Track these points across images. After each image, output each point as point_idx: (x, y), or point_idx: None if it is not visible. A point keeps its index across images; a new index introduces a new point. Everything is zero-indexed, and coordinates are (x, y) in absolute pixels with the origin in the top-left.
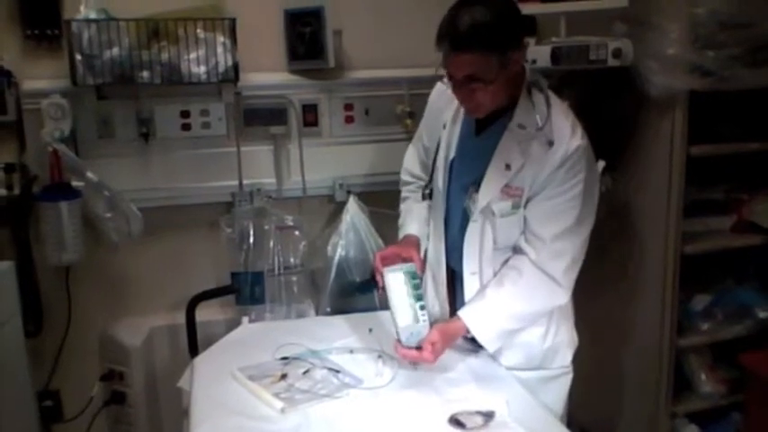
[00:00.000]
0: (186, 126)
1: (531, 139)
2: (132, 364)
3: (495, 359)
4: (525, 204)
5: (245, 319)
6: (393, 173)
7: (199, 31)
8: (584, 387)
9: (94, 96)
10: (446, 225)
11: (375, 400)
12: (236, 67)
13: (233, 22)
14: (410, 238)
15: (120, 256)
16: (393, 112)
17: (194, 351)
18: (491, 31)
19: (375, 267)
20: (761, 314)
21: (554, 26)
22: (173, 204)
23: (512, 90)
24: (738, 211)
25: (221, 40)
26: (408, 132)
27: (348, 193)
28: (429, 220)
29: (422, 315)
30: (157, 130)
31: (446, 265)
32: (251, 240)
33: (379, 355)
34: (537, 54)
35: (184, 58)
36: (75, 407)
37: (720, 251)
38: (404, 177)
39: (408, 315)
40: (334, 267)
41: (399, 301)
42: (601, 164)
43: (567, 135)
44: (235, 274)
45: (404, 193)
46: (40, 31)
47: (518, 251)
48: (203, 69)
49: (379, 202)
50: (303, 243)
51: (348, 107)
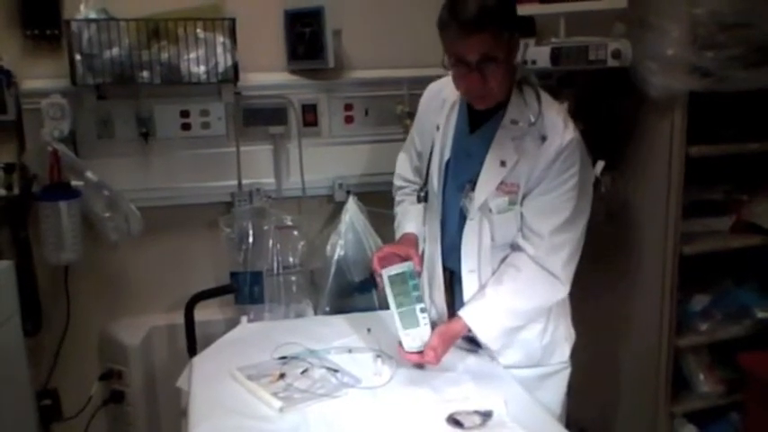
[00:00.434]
0: (186, 126)
1: (525, 134)
2: (131, 364)
3: (494, 358)
4: (522, 201)
5: (243, 319)
6: (392, 173)
7: (198, 30)
8: (583, 387)
9: (94, 96)
10: (442, 226)
11: (373, 400)
12: (235, 66)
13: (233, 22)
14: (408, 237)
15: (120, 255)
16: (393, 113)
17: (193, 350)
18: (498, 10)
19: (373, 269)
20: (759, 314)
21: (553, 27)
22: (172, 204)
23: (509, 84)
24: (738, 212)
25: (221, 39)
26: (408, 132)
27: (347, 193)
28: (425, 221)
29: (422, 318)
30: (157, 129)
31: (443, 266)
32: (250, 240)
33: (378, 355)
34: (536, 54)
35: (184, 57)
36: (74, 406)
37: (719, 252)
38: (397, 183)
39: (409, 319)
40: (333, 267)
41: (400, 305)
42: (600, 164)
43: (560, 129)
44: (234, 274)
45: (398, 197)
46: (39, 31)
47: (516, 248)
48: (203, 69)
49: (378, 203)
50: (302, 243)
51: (348, 107)
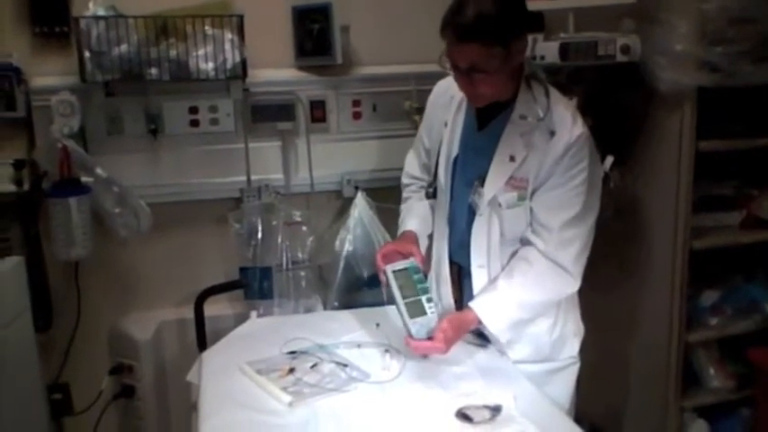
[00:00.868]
0: (194, 122)
1: (533, 129)
2: (141, 358)
3: (503, 353)
4: (531, 196)
5: (253, 314)
6: (400, 168)
7: (207, 27)
8: (592, 382)
9: (103, 93)
10: (451, 222)
11: (382, 395)
12: (244, 63)
13: (241, 18)
14: (408, 234)
15: (130, 251)
16: (401, 108)
17: (203, 345)
18: (496, 23)
19: (377, 266)
20: None
21: (562, 22)
22: (181, 200)
23: (515, 82)
24: (748, 207)
25: (229, 36)
26: (416, 128)
27: (356, 188)
28: (432, 218)
29: (429, 307)
30: (166, 126)
31: (452, 261)
32: (259, 236)
33: (387, 350)
34: (545, 50)
35: (192, 54)
36: (85, 400)
37: (729, 247)
38: (404, 180)
39: (416, 308)
40: (342, 262)
41: (406, 296)
42: (609, 159)
43: (569, 124)
44: (243, 269)
45: (405, 194)
46: (49, 29)
47: (526, 243)
48: (211, 66)
49: (386, 198)
50: (311, 238)
51: (356, 103)
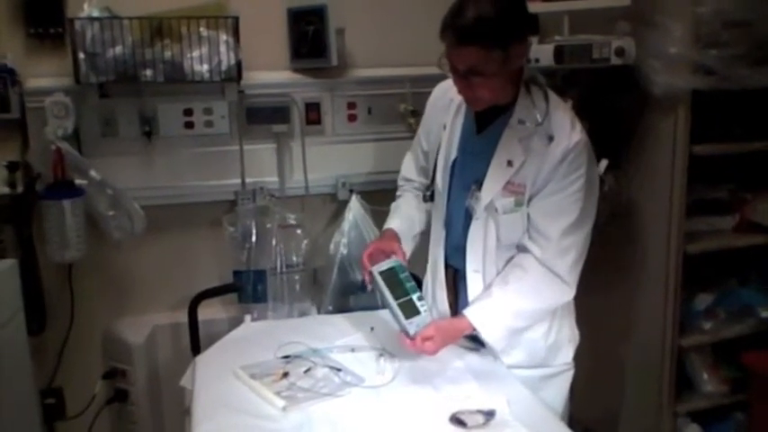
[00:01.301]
0: (189, 124)
1: (532, 134)
2: (135, 362)
3: (497, 358)
4: (528, 202)
5: (247, 318)
6: (396, 171)
7: (202, 29)
8: (586, 386)
9: (97, 94)
10: (447, 225)
11: (376, 399)
12: (239, 65)
13: (236, 20)
14: (388, 233)
15: (123, 254)
16: (396, 111)
17: (197, 349)
18: (495, 26)
19: (363, 266)
20: (763, 314)
21: (557, 25)
22: (175, 203)
23: (514, 86)
24: (741, 211)
25: (224, 38)
26: (411, 131)
27: (350, 191)
28: (419, 218)
29: (421, 305)
30: (160, 128)
31: (448, 264)
32: (253, 239)
33: (381, 354)
34: (540, 52)
35: (187, 56)
36: (78, 405)
37: (723, 251)
38: (399, 183)
39: (410, 308)
40: (337, 266)
41: (397, 297)
42: (603, 163)
43: (567, 130)
44: (237, 273)
45: (398, 192)
46: (43, 30)
47: (522, 249)
48: (206, 68)
49: (381, 201)
50: (305, 241)
51: (351, 105)
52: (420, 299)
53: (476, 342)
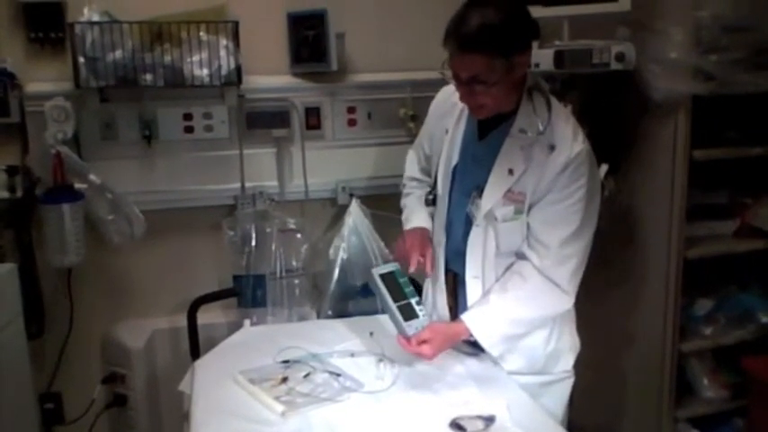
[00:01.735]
0: (189, 129)
1: (533, 143)
2: (134, 367)
3: (497, 363)
4: (528, 211)
5: (246, 322)
6: (395, 176)
7: (202, 33)
8: (586, 391)
9: (97, 99)
10: (447, 230)
11: (376, 404)
12: (238, 69)
13: (236, 24)
14: (422, 232)
15: (123, 258)
16: (396, 116)
17: (196, 354)
18: (498, 35)
19: (404, 256)
20: (763, 319)
21: (557, 30)
22: (175, 207)
23: (517, 94)
24: (742, 216)
25: (224, 42)
26: (411, 136)
27: (350, 196)
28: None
29: (420, 309)
30: (160, 132)
31: (447, 269)
32: (253, 243)
33: (380, 359)
34: (540, 57)
35: (187, 60)
36: (77, 409)
37: (723, 256)
38: (404, 182)
39: (408, 311)
40: (336, 270)
41: (396, 300)
42: (603, 168)
43: (569, 140)
44: (237, 277)
45: (406, 190)
46: (43, 34)
47: (521, 257)
48: (206, 72)
49: (381, 206)
50: (305, 246)
51: (351, 110)
52: (418, 303)
53: (475, 347)
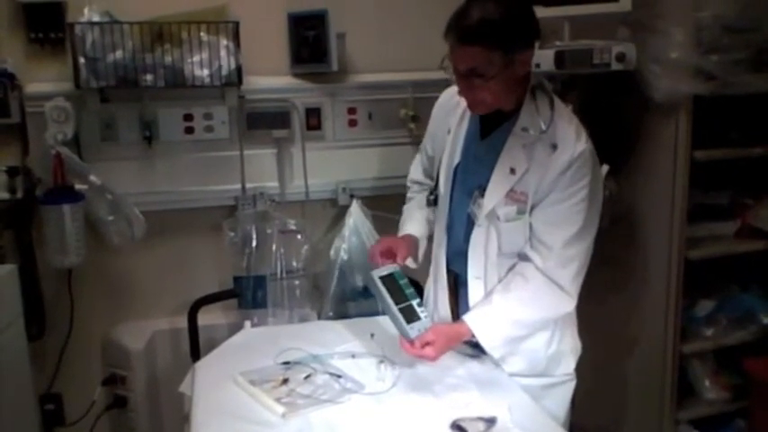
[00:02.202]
0: (189, 129)
1: (535, 142)
2: (134, 368)
3: (498, 365)
4: (531, 211)
5: (247, 323)
6: (396, 177)
7: (202, 34)
8: (587, 393)
9: (98, 99)
10: (449, 230)
11: (377, 406)
12: (239, 70)
13: (236, 25)
14: (407, 236)
15: (123, 259)
16: (397, 116)
17: (196, 355)
18: (497, 28)
19: (370, 259)
20: (765, 320)
21: (558, 30)
22: (175, 208)
23: (518, 92)
24: (743, 217)
25: (225, 43)
26: (412, 136)
27: (351, 196)
28: (433, 224)
29: (421, 311)
30: (160, 133)
31: (449, 269)
32: (254, 244)
33: (381, 361)
34: (541, 58)
35: (188, 61)
36: (77, 411)
37: (724, 256)
38: (408, 185)
39: (410, 313)
40: (337, 271)
41: (398, 302)
42: (604, 168)
43: (572, 139)
44: (237, 278)
45: (408, 195)
46: (43, 34)
47: (524, 258)
48: (206, 72)
49: (382, 206)
50: (306, 247)
51: (351, 111)
52: (419, 305)
53: (477, 349)
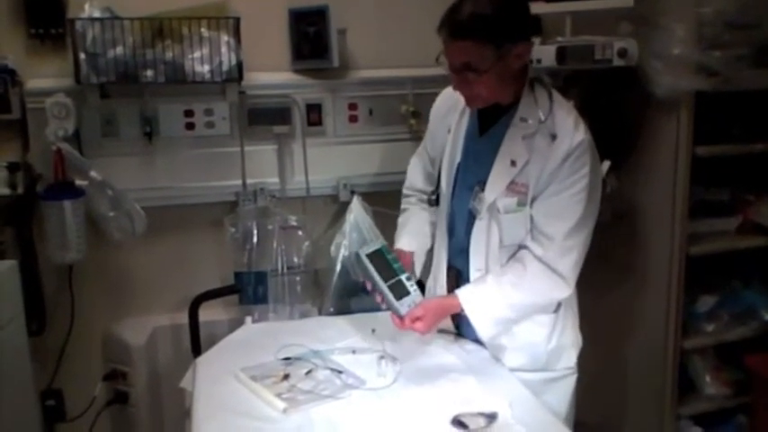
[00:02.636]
0: (190, 125)
1: (535, 133)
2: (135, 364)
3: (499, 360)
4: (531, 203)
5: (248, 319)
6: (397, 173)
7: (203, 30)
8: (588, 389)
9: (98, 95)
10: (450, 229)
11: (377, 401)
12: (240, 66)
13: (237, 21)
14: (400, 251)
15: (124, 255)
16: (397, 112)
17: (197, 351)
18: (488, 23)
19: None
20: (766, 316)
21: (559, 26)
22: (176, 204)
23: (514, 86)
24: (744, 213)
25: (225, 39)
26: (413, 132)
27: (352, 192)
28: (430, 230)
29: (410, 285)
30: (161, 129)
31: (451, 266)
32: (254, 240)
33: (382, 356)
34: (542, 53)
35: (188, 56)
36: (78, 406)
37: (726, 252)
38: (405, 192)
39: (400, 288)
40: (338, 267)
41: (386, 279)
42: (606, 164)
43: (571, 129)
44: (238, 274)
45: (403, 205)
46: (44, 30)
47: (524, 248)
48: (207, 68)
49: (382, 202)
50: (306, 243)
51: (352, 107)
52: (408, 279)
53: (478, 343)
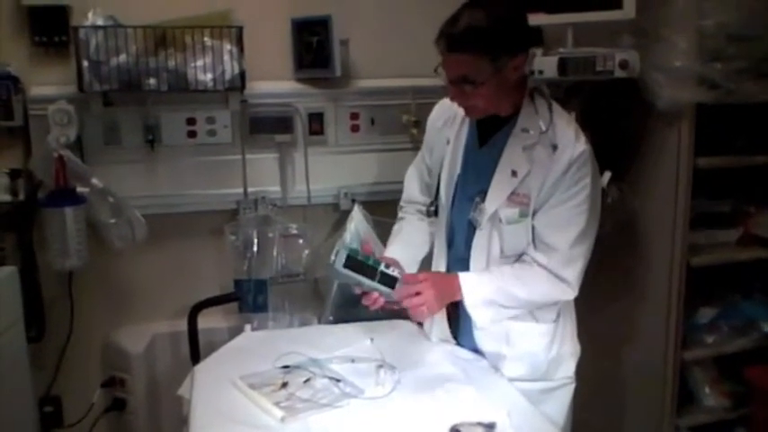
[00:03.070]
0: (192, 133)
1: (536, 143)
2: (134, 371)
3: (498, 370)
4: (533, 215)
5: (247, 327)
6: (398, 182)
7: (206, 38)
8: (587, 399)
9: (101, 103)
10: (449, 240)
11: (376, 411)
12: (242, 75)
13: (240, 30)
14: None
15: (124, 262)
16: (399, 122)
17: (196, 358)
18: (484, 36)
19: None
20: (766, 328)
21: (561, 37)
22: (177, 211)
23: (513, 98)
24: (745, 224)
25: (228, 47)
26: (414, 142)
27: (353, 201)
28: (421, 241)
29: (392, 271)
30: (163, 137)
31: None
32: (255, 248)
33: (381, 365)
34: (544, 65)
35: (191, 65)
36: (76, 413)
37: (726, 264)
38: (402, 204)
39: (386, 280)
40: None
41: (371, 277)
42: (607, 175)
43: (572, 140)
44: (238, 282)
45: (399, 214)
46: (47, 38)
47: (528, 256)
48: (210, 77)
49: (383, 211)
50: (307, 251)
51: (354, 116)
52: (387, 266)
53: (477, 353)
